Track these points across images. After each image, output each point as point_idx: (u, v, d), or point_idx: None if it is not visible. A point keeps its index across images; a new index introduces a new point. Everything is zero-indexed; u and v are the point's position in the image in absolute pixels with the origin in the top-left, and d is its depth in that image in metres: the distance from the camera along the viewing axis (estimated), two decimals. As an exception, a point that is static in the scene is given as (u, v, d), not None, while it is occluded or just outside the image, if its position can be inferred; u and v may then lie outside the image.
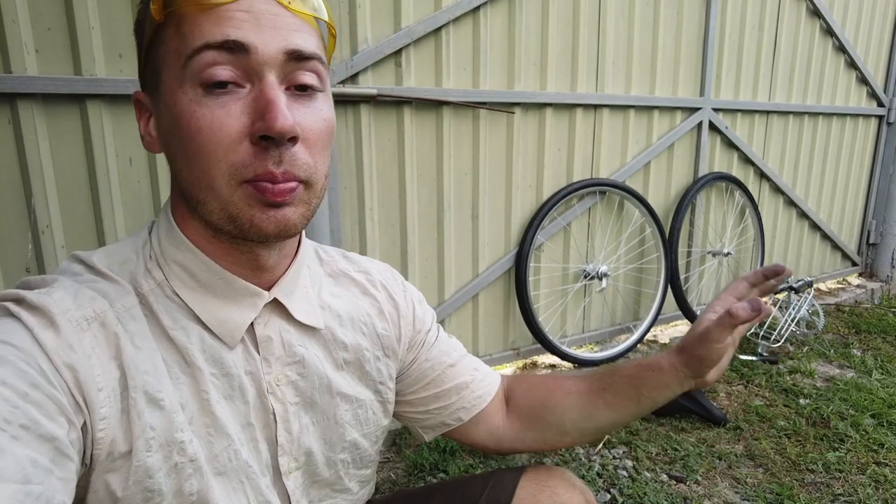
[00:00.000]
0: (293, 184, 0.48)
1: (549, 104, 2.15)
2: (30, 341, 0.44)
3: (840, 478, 1.67)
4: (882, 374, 2.43)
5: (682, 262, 2.71)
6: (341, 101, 1.71)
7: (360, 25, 1.70)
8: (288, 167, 0.47)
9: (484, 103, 1.98)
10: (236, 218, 0.48)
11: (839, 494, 1.60)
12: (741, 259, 3.04)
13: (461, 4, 1.85)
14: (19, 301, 0.46)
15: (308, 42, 0.49)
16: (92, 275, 0.52)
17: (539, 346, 2.27)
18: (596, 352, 2.47)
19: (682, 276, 2.66)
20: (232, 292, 0.55)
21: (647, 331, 2.55)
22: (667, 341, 2.71)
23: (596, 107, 2.29)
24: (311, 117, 0.50)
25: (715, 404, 2.06)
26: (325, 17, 0.52)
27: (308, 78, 0.49)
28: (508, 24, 2.01)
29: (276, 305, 0.58)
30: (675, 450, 1.81)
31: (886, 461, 1.75)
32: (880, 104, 3.49)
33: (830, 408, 2.07)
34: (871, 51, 3.36)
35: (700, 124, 2.63)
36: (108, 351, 0.48)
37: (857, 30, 3.24)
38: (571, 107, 2.22)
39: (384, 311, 0.69)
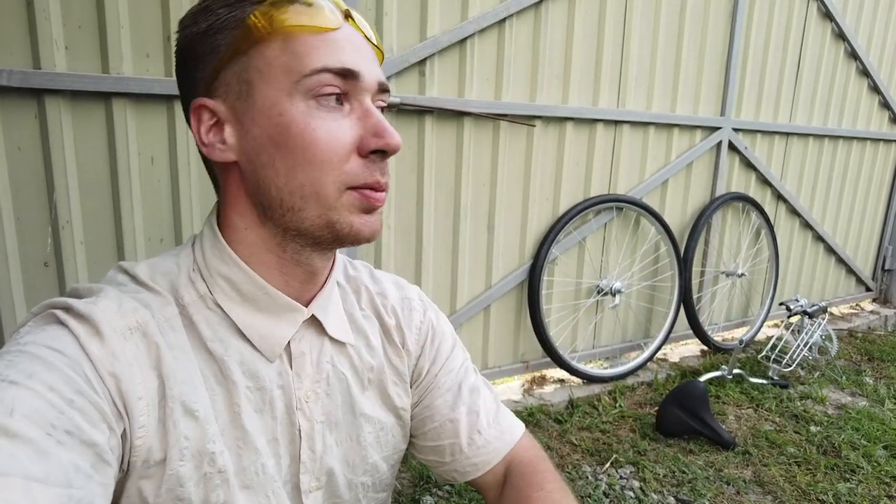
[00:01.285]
0: (385, 192, 0.54)
1: (570, 118, 2.14)
2: (76, 349, 0.45)
3: (851, 510, 1.65)
4: (895, 403, 2.40)
5: (695, 282, 2.69)
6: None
7: (386, 34, 1.70)
8: (386, 178, 0.54)
9: (505, 115, 1.97)
10: (335, 223, 0.51)
11: (850, 527, 1.58)
12: (755, 280, 3.01)
13: (487, 16, 1.85)
14: (67, 309, 0.48)
15: (382, 75, 0.54)
16: (135, 285, 0.53)
17: (549, 359, 2.25)
18: (605, 368, 2.45)
19: (694, 296, 2.64)
20: (274, 307, 0.55)
21: (659, 349, 2.53)
22: (677, 360, 2.69)
23: (616, 122, 2.28)
24: None
25: (724, 427, 2.04)
26: (382, 49, 0.58)
27: (382, 105, 0.55)
28: (533, 36, 2.00)
29: (312, 321, 0.59)
30: (683, 472, 1.80)
31: (899, 495, 1.73)
32: (901, 129, 3.46)
33: (842, 437, 2.04)
34: (894, 75, 3.33)
35: (719, 144, 2.61)
36: (149, 361, 0.49)
37: (882, 54, 3.21)
38: (592, 121, 2.21)
39: (393, 339, 0.68)
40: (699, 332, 2.67)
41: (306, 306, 0.58)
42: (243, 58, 0.50)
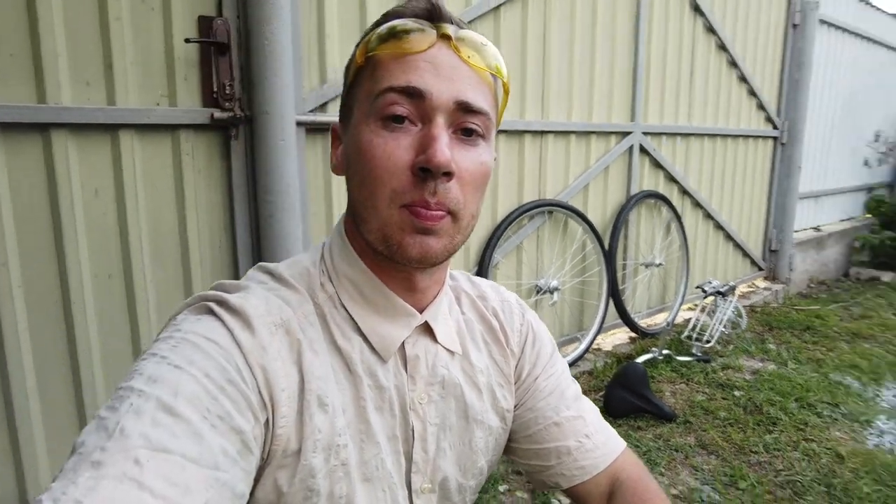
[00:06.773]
0: (442, 212, 0.52)
1: (502, 131, 2.28)
2: (229, 341, 0.48)
3: (779, 456, 1.88)
4: (795, 363, 2.74)
5: (619, 274, 2.91)
6: (311, 129, 1.74)
7: (328, 55, 1.75)
8: (440, 198, 0.52)
9: (444, 129, 2.06)
10: (389, 238, 0.53)
11: (780, 470, 1.81)
12: (669, 269, 3.31)
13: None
14: (221, 302, 0.51)
15: (478, 96, 0.53)
16: (276, 283, 0.57)
17: (500, 359, 2.35)
18: (551, 362, 2.59)
19: (620, 287, 2.86)
20: (391, 310, 0.59)
21: (594, 340, 2.72)
22: (610, 348, 2.90)
23: (542, 133, 2.45)
24: (468, 159, 0.54)
25: (664, 402, 2.23)
26: (502, 75, 0.57)
27: (472, 126, 0.54)
28: (463, 54, 2.12)
29: (424, 328, 0.62)
30: (637, 446, 1.95)
31: (812, 437, 1.99)
32: (775, 127, 3.95)
33: (761, 396, 2.31)
34: (766, 81, 3.81)
35: (631, 147, 2.87)
36: (291, 356, 0.52)
37: (755, 62, 3.67)
38: (521, 133, 2.37)
39: (498, 339, 0.70)
40: (627, 321, 2.90)
41: (420, 313, 0.60)
42: (353, 87, 0.57)
